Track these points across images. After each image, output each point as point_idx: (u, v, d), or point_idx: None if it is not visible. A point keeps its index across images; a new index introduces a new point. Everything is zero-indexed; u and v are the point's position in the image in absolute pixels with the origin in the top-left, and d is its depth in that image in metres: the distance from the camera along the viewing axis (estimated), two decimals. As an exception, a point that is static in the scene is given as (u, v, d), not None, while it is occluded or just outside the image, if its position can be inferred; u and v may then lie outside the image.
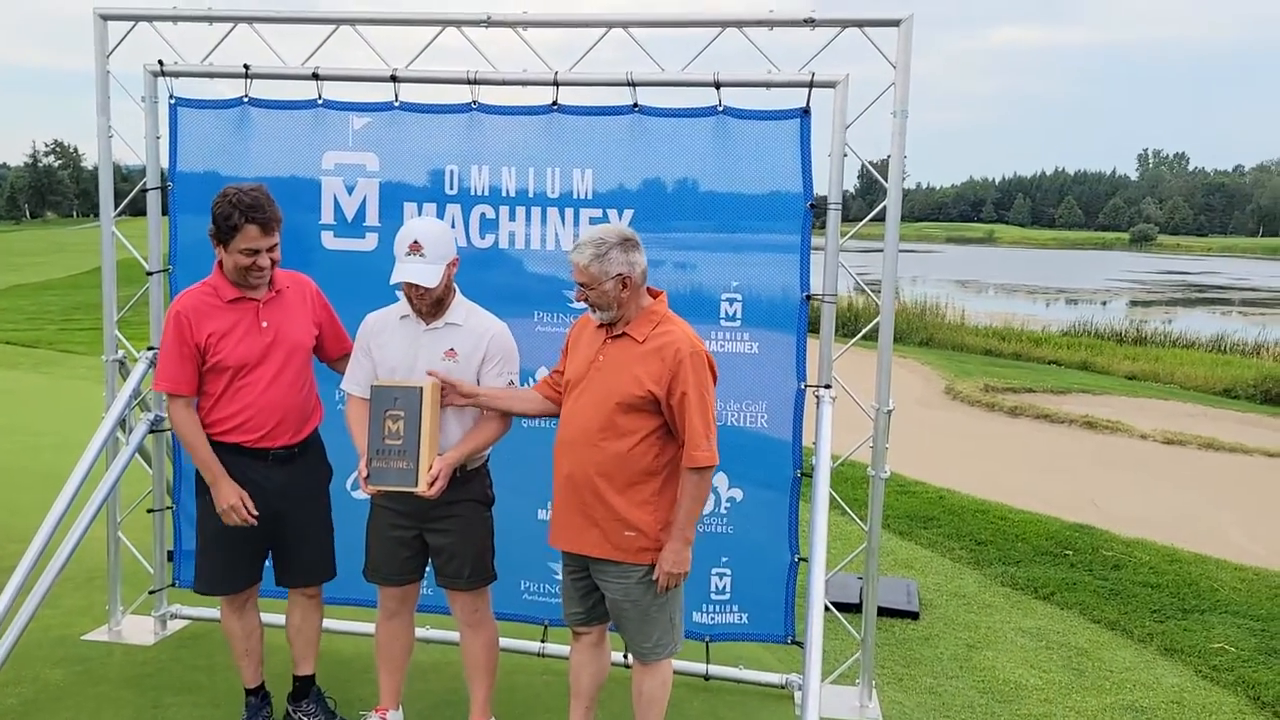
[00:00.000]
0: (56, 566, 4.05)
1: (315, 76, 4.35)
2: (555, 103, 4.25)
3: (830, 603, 4.27)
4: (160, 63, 4.43)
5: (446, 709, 4.23)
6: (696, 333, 3.40)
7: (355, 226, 4.46)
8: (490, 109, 4.33)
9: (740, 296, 4.25)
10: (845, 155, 4.08)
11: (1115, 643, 5.34)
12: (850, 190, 4.20)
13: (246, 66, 4.39)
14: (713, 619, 4.47)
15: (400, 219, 4.31)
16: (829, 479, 3.97)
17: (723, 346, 4.23)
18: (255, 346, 3.64)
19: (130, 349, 4.72)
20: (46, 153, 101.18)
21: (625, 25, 4.17)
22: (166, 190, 4.55)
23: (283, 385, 3.68)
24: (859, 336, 4.49)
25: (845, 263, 4.21)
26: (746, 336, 4.26)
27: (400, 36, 4.55)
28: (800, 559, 4.33)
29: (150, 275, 4.61)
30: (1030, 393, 13.68)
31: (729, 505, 4.36)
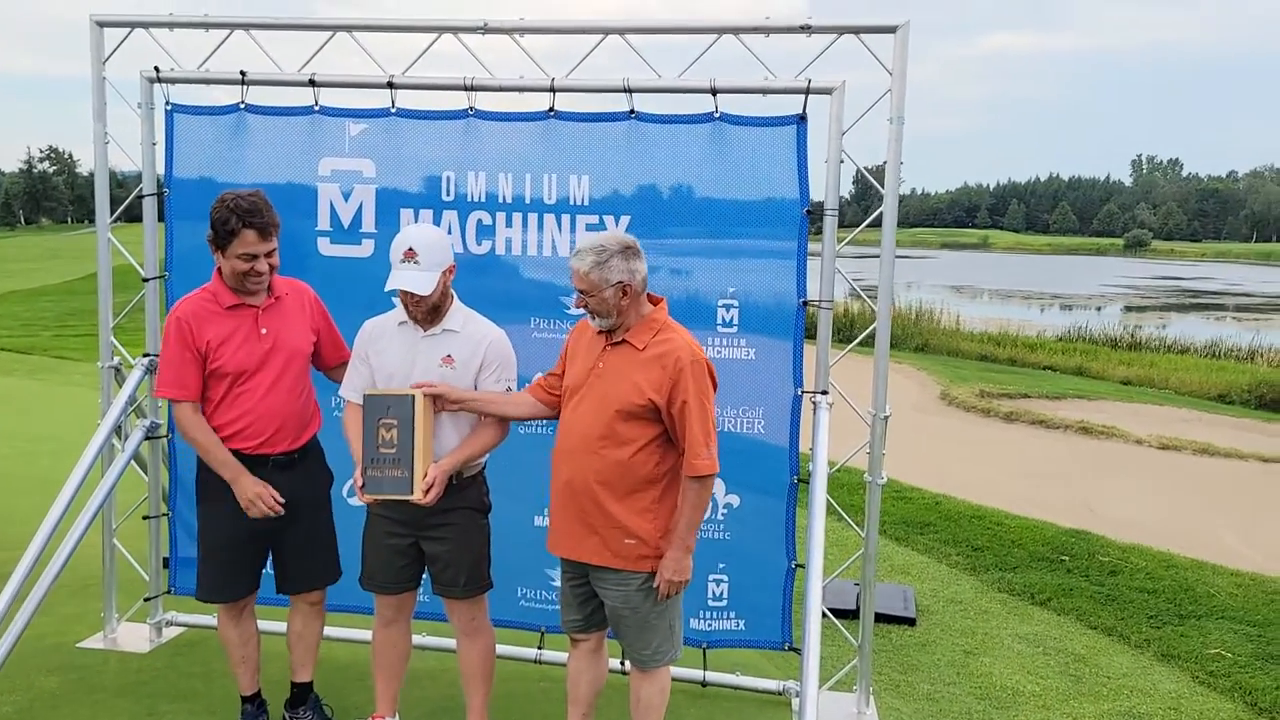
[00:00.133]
0: (52, 573, 4.03)
1: (312, 83, 4.35)
2: (552, 109, 4.26)
3: (827, 609, 4.27)
4: (157, 69, 4.43)
5: (443, 716, 4.22)
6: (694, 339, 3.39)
7: (351, 233, 4.46)
8: (487, 115, 4.33)
9: (737, 302, 4.26)
10: (842, 161, 4.09)
11: (1112, 648, 5.35)
12: (845, 196, 4.21)
13: (243, 73, 4.38)
14: (710, 625, 4.47)
15: (397, 225, 4.30)
16: (826, 485, 3.97)
17: (719, 353, 4.24)
18: (254, 353, 3.63)
19: (126, 355, 4.71)
20: (41, 159, 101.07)
21: (622, 32, 4.17)
22: (163, 196, 4.54)
23: (281, 391, 3.68)
24: (855, 343, 4.50)
25: (841, 269, 4.22)
26: (743, 342, 4.27)
27: (397, 43, 4.56)
28: (797, 565, 4.33)
29: (146, 282, 4.61)
30: (1025, 398, 13.70)
31: (726, 511, 4.36)
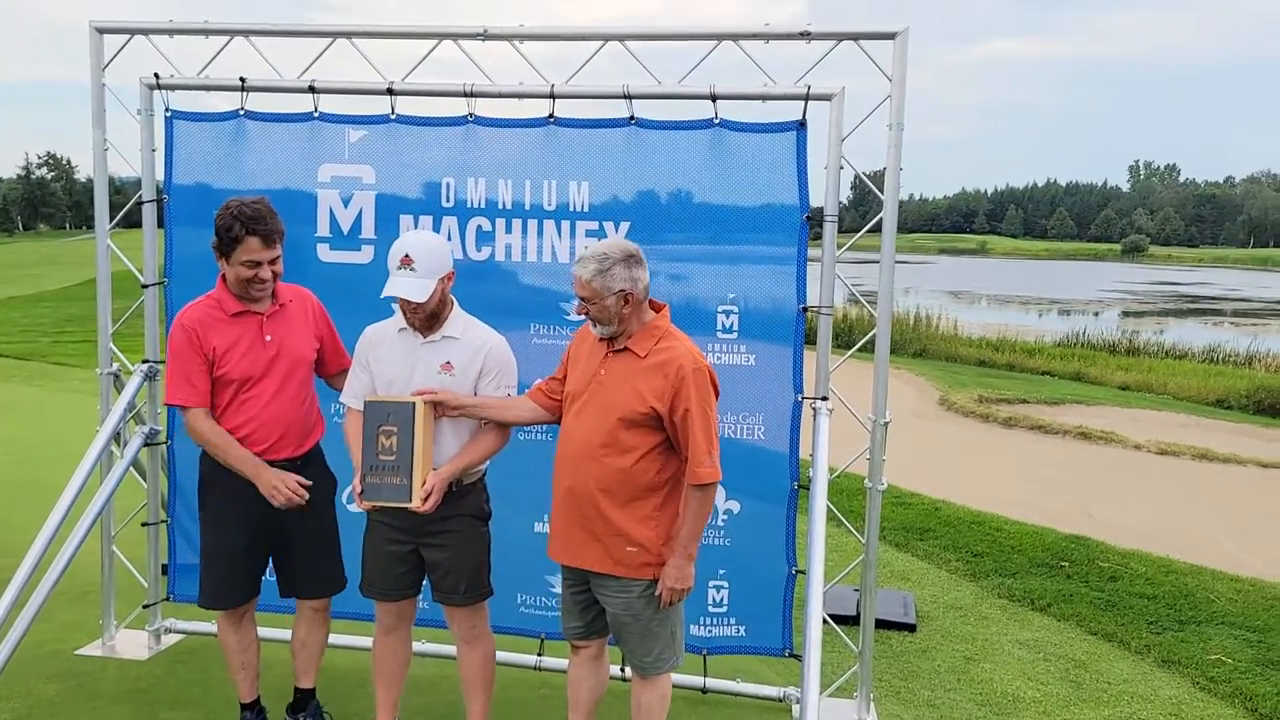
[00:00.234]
0: (51, 581, 4.02)
1: (312, 89, 4.35)
2: (552, 115, 4.26)
3: (827, 615, 4.26)
4: (156, 75, 4.43)
5: (443, 723, 4.21)
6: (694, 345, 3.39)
7: (351, 239, 4.46)
8: (487, 122, 4.33)
9: (737, 308, 4.25)
10: (841, 168, 4.09)
11: (1113, 654, 5.34)
12: (843, 201, 4.21)
13: (243, 79, 4.39)
14: (710, 632, 4.46)
15: (396, 231, 4.30)
16: (826, 491, 3.97)
17: (719, 358, 4.23)
18: (259, 360, 3.64)
19: (125, 361, 4.70)
20: (39, 165, 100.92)
21: (621, 38, 4.17)
22: (162, 203, 4.54)
23: (285, 398, 3.68)
24: (855, 348, 4.50)
25: (840, 274, 4.22)
26: (743, 348, 4.26)
27: (397, 50, 4.56)
28: (798, 571, 4.32)
29: (146, 288, 4.60)
30: (1024, 404, 13.72)
31: (726, 517, 4.35)
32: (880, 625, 5.25)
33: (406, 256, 3.38)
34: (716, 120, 4.15)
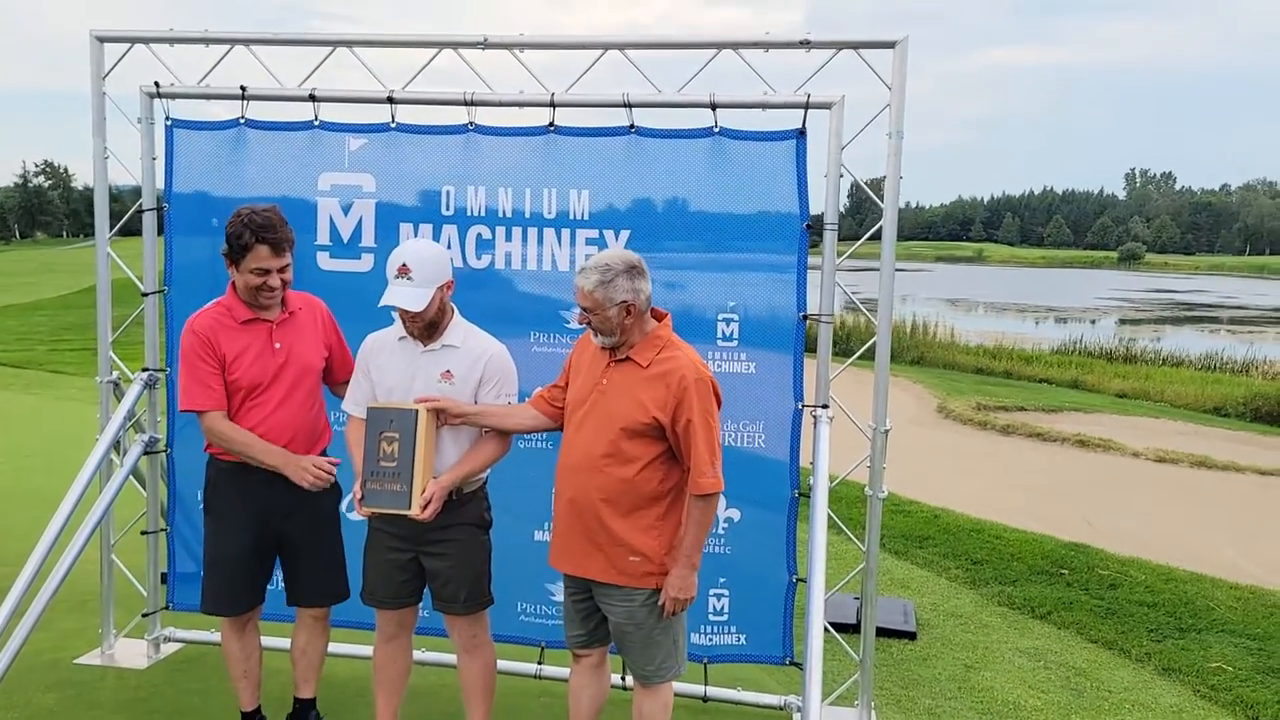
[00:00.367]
0: (50, 589, 4.01)
1: (312, 98, 4.36)
2: (552, 124, 4.26)
3: (828, 623, 4.25)
4: (157, 84, 4.44)
5: (443, 732, 4.20)
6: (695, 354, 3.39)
7: (351, 247, 4.46)
8: (487, 130, 4.33)
9: (737, 316, 4.26)
10: (841, 176, 4.10)
11: (1113, 662, 5.34)
12: (840, 210, 4.22)
13: (243, 88, 4.39)
14: (711, 640, 4.45)
15: (396, 240, 4.30)
16: (827, 499, 3.97)
17: (720, 366, 4.23)
18: (268, 367, 3.65)
19: (125, 370, 4.69)
20: (36, 173, 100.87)
21: (621, 47, 4.18)
22: (162, 211, 4.54)
23: (293, 406, 3.69)
24: (855, 357, 4.50)
25: (839, 282, 4.22)
26: (743, 356, 4.27)
27: (397, 58, 4.58)
28: (798, 579, 4.32)
29: (146, 296, 4.60)
30: (1022, 411, 13.72)
31: (726, 526, 4.35)
32: (880, 633, 5.24)
33: (404, 266, 3.38)
34: (716, 129, 4.15)
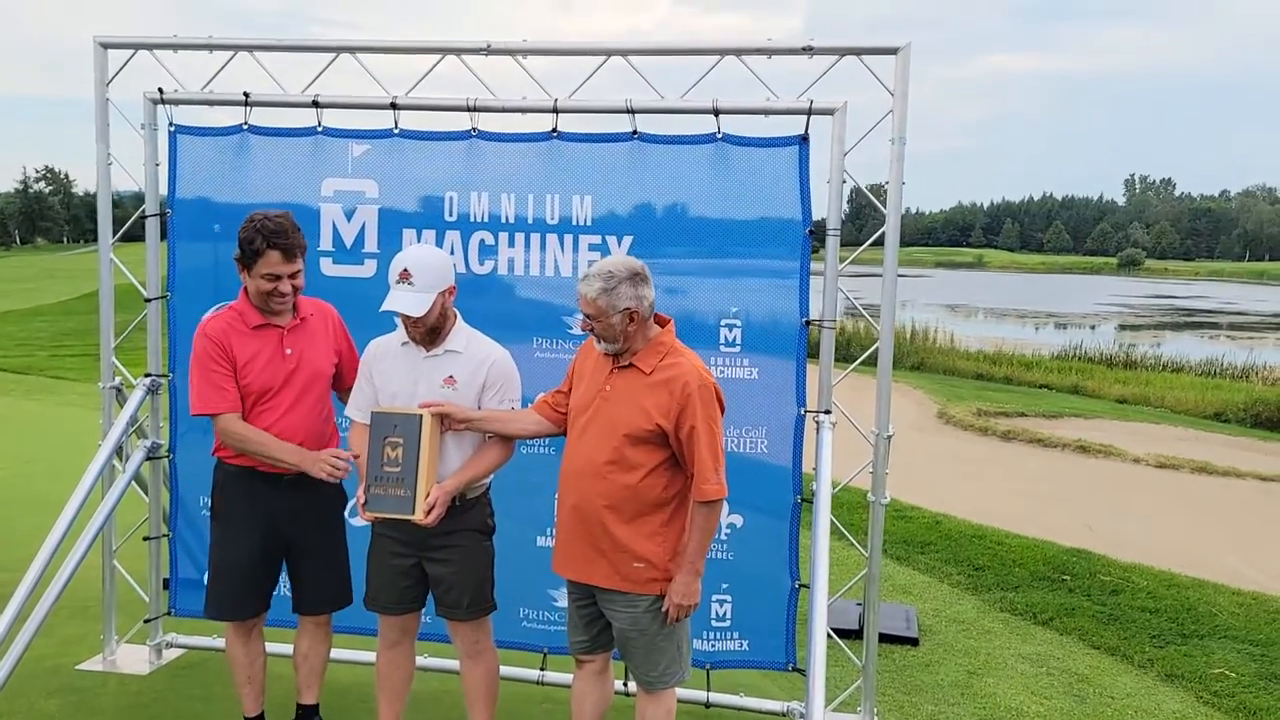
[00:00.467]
0: (52, 595, 4.01)
1: (315, 104, 4.36)
2: (555, 130, 4.27)
3: (830, 629, 4.25)
4: (160, 90, 4.44)
5: (445, 739, 4.19)
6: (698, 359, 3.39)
7: (354, 253, 4.46)
8: (490, 136, 4.34)
9: (739, 322, 4.26)
10: (844, 182, 4.10)
11: (1116, 668, 5.33)
12: (841, 215, 4.23)
13: (246, 94, 4.39)
14: (713, 646, 4.45)
15: (399, 245, 4.30)
16: (830, 505, 3.96)
17: (722, 372, 4.23)
18: (278, 373, 3.65)
19: (128, 375, 4.69)
20: (37, 179, 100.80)
21: (625, 53, 4.18)
22: (165, 217, 4.54)
23: (301, 411, 3.69)
24: (858, 362, 4.50)
25: (840, 288, 4.22)
26: (746, 362, 4.26)
27: (400, 65, 4.56)
28: (801, 585, 4.32)
29: (149, 302, 4.60)
30: (1023, 417, 13.73)
31: (729, 531, 4.34)
32: (883, 639, 5.24)
33: (405, 271, 3.39)
34: (719, 135, 4.16)
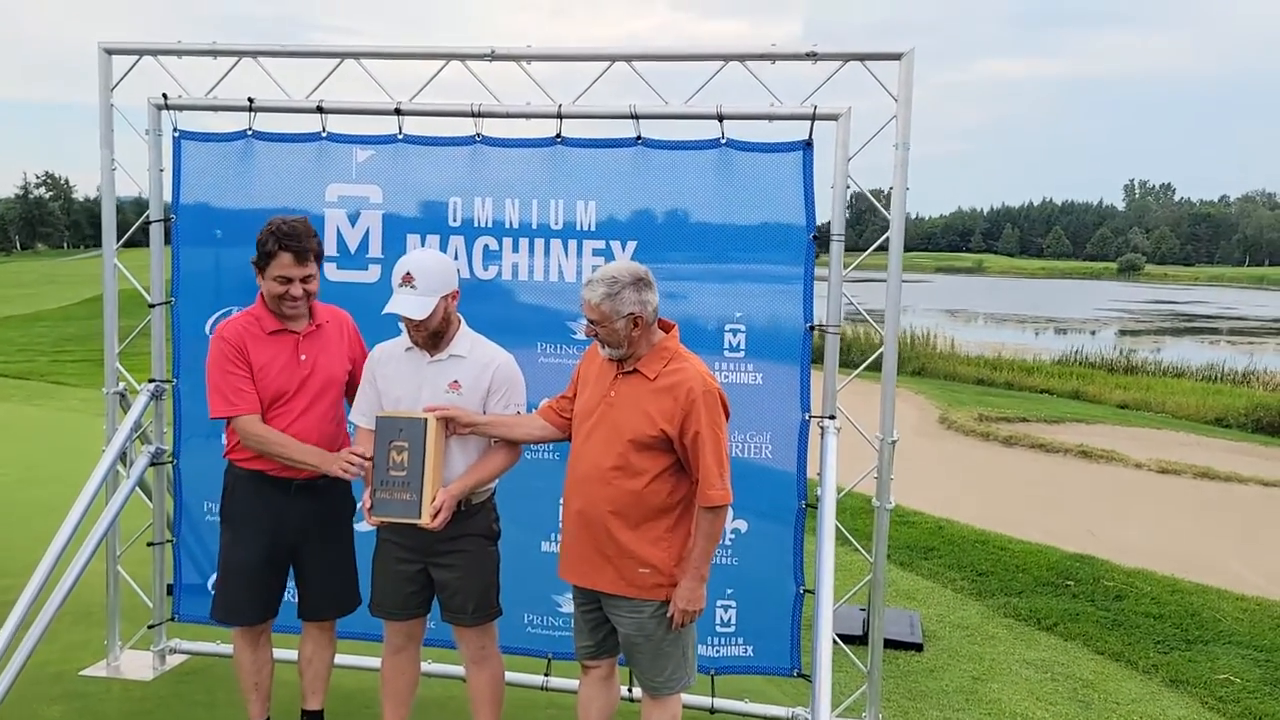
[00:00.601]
0: (56, 601, 4.01)
1: (319, 109, 4.37)
2: (559, 135, 4.27)
3: (835, 635, 4.24)
4: (165, 96, 4.45)
5: (450, 745, 4.19)
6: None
7: (358, 258, 4.47)
8: (494, 141, 4.34)
9: (743, 327, 4.25)
10: (848, 187, 4.10)
11: (1120, 674, 5.32)
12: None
13: (251, 100, 4.40)
14: (718, 651, 4.44)
15: (403, 251, 4.30)
16: (835, 510, 3.96)
17: (726, 377, 4.23)
18: (292, 379, 3.66)
19: (131, 381, 4.69)
20: (38, 184, 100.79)
21: (629, 59, 4.19)
22: (169, 222, 4.54)
23: (313, 417, 3.69)
24: (863, 367, 4.50)
25: (845, 293, 4.22)
26: (750, 367, 4.26)
27: (404, 70, 4.58)
28: (806, 591, 4.31)
29: (153, 308, 4.60)
30: (1024, 422, 13.69)
31: (734, 537, 4.34)
32: (887, 645, 5.21)
33: (408, 274, 3.39)
34: (723, 140, 4.16)
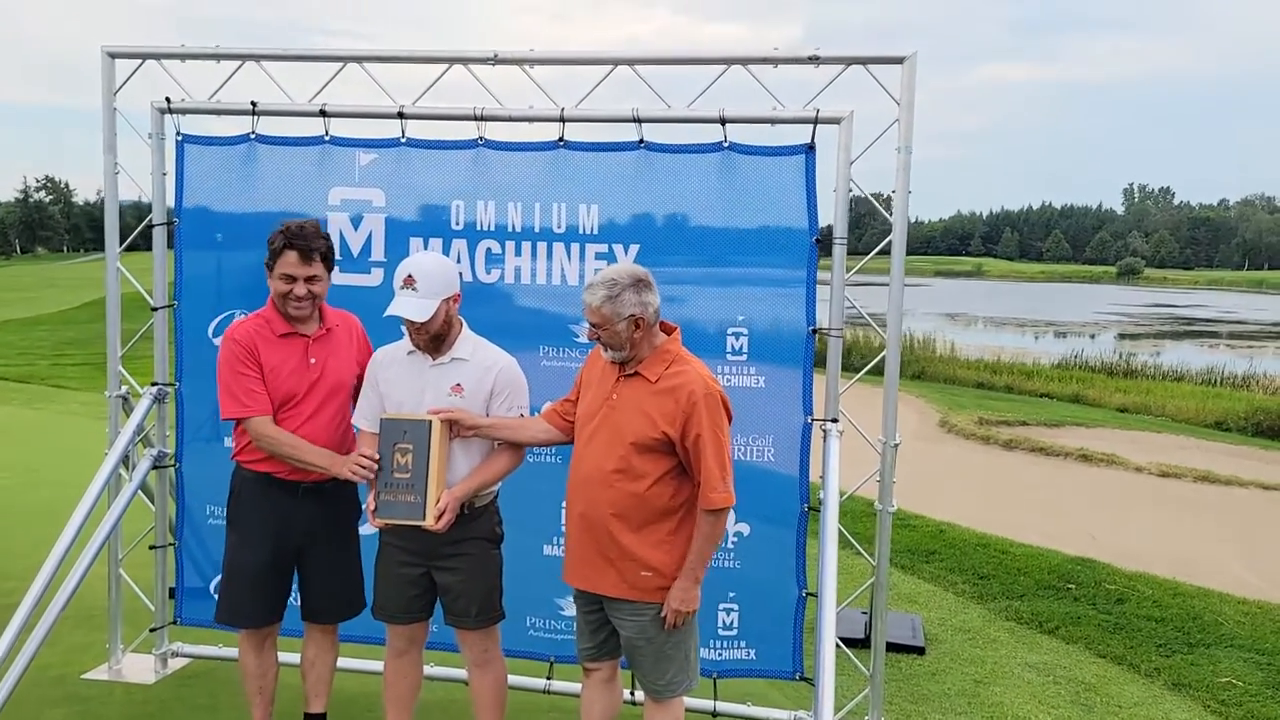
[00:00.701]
0: (58, 604, 4.01)
1: (322, 113, 4.37)
2: (561, 139, 4.28)
3: (837, 638, 4.23)
4: (168, 99, 4.45)
5: (452, 748, 4.18)
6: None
7: (361, 262, 4.47)
8: (496, 145, 4.35)
9: (746, 330, 4.26)
10: (850, 190, 4.11)
11: (1122, 677, 5.32)
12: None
13: (254, 103, 4.40)
14: (720, 655, 4.44)
15: (406, 254, 4.30)
16: (837, 513, 3.96)
17: (729, 380, 4.23)
18: (301, 382, 3.66)
19: (134, 384, 4.69)
20: (38, 188, 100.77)
21: (631, 63, 4.19)
22: (172, 226, 4.55)
23: (321, 421, 3.69)
24: (864, 370, 4.50)
25: (847, 296, 4.22)
26: (753, 370, 4.27)
27: (407, 74, 4.59)
28: (808, 594, 4.31)
29: (155, 311, 4.61)
30: (1025, 426, 13.69)
31: (736, 540, 4.34)
32: (889, 648, 5.22)
33: (409, 277, 3.40)
34: (726, 143, 4.17)
